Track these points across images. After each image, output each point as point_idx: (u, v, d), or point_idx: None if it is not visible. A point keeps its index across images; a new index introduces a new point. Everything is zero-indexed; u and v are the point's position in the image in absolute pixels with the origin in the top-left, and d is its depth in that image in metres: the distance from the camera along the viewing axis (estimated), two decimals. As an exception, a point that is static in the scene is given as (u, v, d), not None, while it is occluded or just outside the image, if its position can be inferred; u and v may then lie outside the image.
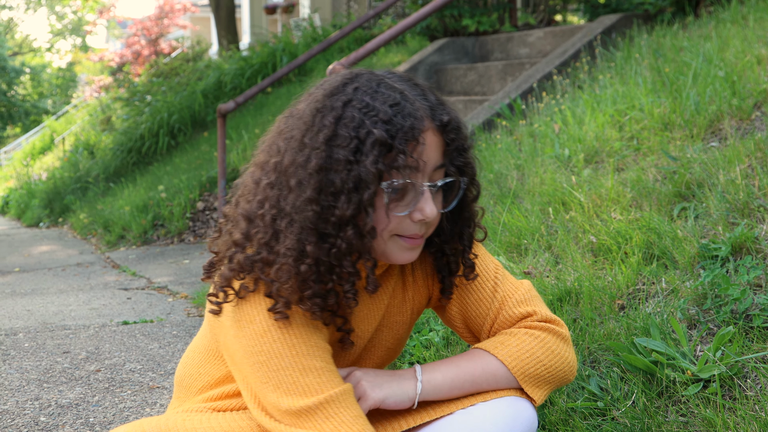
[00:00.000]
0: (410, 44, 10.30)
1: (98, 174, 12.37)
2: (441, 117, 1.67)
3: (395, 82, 1.69)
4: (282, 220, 1.65)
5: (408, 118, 1.62)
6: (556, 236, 3.57)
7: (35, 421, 3.02)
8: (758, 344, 2.37)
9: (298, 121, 1.69)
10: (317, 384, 1.64)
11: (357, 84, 1.67)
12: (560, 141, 4.66)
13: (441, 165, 1.69)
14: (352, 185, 1.60)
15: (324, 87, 1.70)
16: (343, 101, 1.64)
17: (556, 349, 1.85)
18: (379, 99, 1.63)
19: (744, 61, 4.48)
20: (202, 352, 1.95)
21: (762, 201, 3.07)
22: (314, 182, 1.61)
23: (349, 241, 1.62)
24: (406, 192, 1.66)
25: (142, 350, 3.99)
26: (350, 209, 1.60)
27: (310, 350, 1.66)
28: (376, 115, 1.61)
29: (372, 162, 1.59)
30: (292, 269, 1.63)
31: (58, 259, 8.17)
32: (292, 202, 1.63)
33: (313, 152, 1.62)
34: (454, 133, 1.68)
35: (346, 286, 1.67)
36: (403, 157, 1.60)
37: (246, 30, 22.36)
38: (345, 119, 1.62)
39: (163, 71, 15.85)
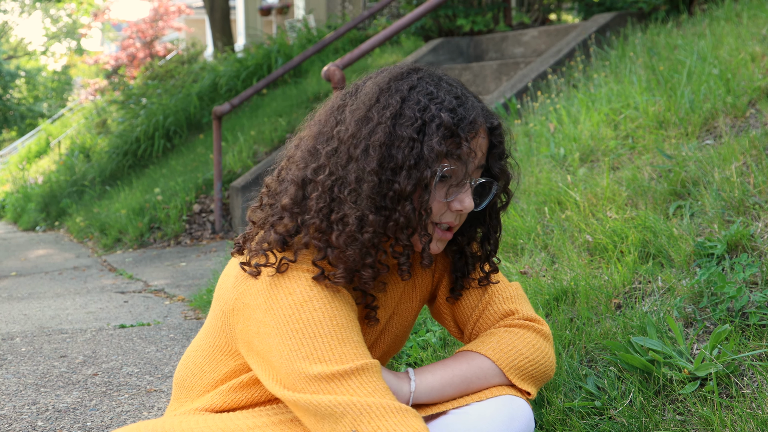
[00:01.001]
0: (405, 44, 10.30)
1: (94, 177, 12.35)
2: (492, 120, 1.74)
3: (452, 81, 1.75)
4: (343, 188, 1.68)
5: (470, 111, 1.68)
6: (552, 236, 3.57)
7: (33, 426, 3.01)
8: (755, 342, 2.37)
9: (364, 96, 1.73)
10: (354, 354, 1.65)
11: (420, 75, 1.73)
12: (555, 140, 4.66)
13: (481, 166, 1.76)
14: (413, 162, 1.65)
15: (389, 71, 1.76)
16: (408, 85, 1.70)
17: (536, 344, 1.89)
18: (443, 90, 1.70)
19: (738, 59, 4.48)
20: (207, 350, 1.94)
21: (757, 198, 3.07)
22: (377, 154, 1.65)
23: (407, 215, 1.67)
24: (452, 180, 1.71)
25: (140, 353, 3.99)
26: (410, 185, 1.65)
27: (349, 324, 1.69)
28: (441, 103, 1.67)
29: (437, 142, 1.65)
30: (355, 236, 1.67)
31: (54, 262, 8.16)
32: (355, 171, 1.67)
33: (378, 126, 1.67)
34: (500, 138, 1.76)
35: (401, 258, 1.73)
36: (467, 145, 1.66)
37: (241, 31, 22.37)
38: (410, 101, 1.68)
39: (159, 73, 15.83)
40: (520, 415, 1.79)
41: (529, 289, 3.12)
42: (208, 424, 1.78)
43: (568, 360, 2.57)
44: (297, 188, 1.73)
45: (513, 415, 1.77)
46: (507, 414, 1.77)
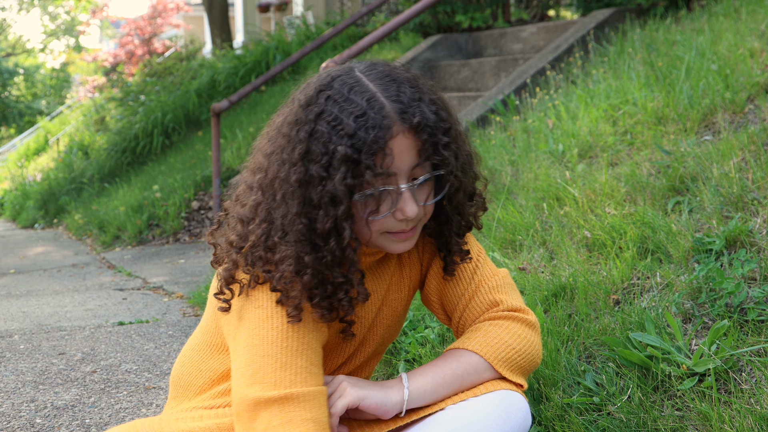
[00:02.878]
0: (403, 41, 10.29)
1: (93, 174, 12.35)
2: (411, 119, 1.66)
3: (372, 80, 1.69)
4: (275, 233, 1.70)
5: (371, 131, 1.62)
6: (551, 232, 3.57)
7: (31, 423, 3.01)
8: (753, 338, 2.37)
9: (278, 134, 1.73)
10: (290, 380, 1.66)
11: (330, 92, 1.67)
12: (554, 136, 4.66)
13: (419, 164, 1.70)
14: (328, 200, 1.64)
15: (303, 95, 1.72)
16: (315, 113, 1.66)
17: (522, 334, 1.89)
18: (347, 109, 1.64)
19: (737, 54, 4.48)
20: (202, 349, 1.95)
21: (756, 194, 3.07)
22: (298, 196, 1.66)
23: (332, 252, 1.67)
24: (383, 197, 1.69)
25: (138, 351, 3.99)
26: (329, 223, 1.64)
27: (300, 347, 1.69)
28: (342, 129, 1.62)
29: (340, 179, 1.62)
30: (295, 279, 1.68)
31: (53, 260, 8.16)
32: (282, 215, 1.68)
33: (291, 168, 1.66)
34: (425, 132, 1.67)
35: (339, 294, 1.72)
36: (370, 172, 1.62)
37: (239, 28, 22.34)
38: (316, 134, 1.64)
39: (157, 71, 15.81)
40: (516, 410, 1.78)
41: (527, 285, 3.12)
42: (204, 420, 1.79)
43: (567, 356, 2.57)
44: (242, 225, 1.77)
45: (510, 409, 1.77)
46: (504, 409, 1.77)
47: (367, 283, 1.90)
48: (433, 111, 1.70)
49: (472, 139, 5.64)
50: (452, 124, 1.74)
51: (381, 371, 3.09)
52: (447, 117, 1.73)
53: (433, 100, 1.71)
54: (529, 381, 2.50)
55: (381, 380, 2.98)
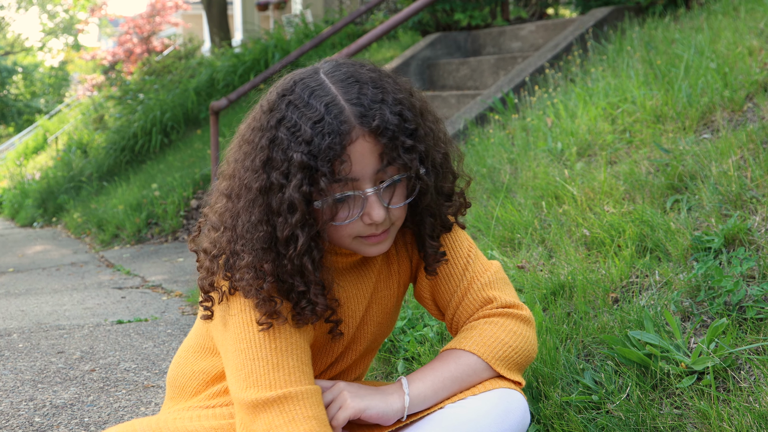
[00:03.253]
0: (402, 39, 10.29)
1: (91, 173, 12.34)
2: (371, 122, 1.62)
3: (334, 82, 1.67)
4: (238, 241, 1.70)
5: (327, 137, 1.60)
6: (550, 230, 3.57)
7: (30, 422, 3.01)
8: (752, 336, 2.37)
9: (243, 141, 1.74)
10: (284, 380, 1.67)
11: (291, 97, 1.66)
12: (553, 135, 4.65)
13: (383, 167, 1.67)
14: (286, 208, 1.63)
15: (266, 100, 1.72)
16: (276, 119, 1.66)
17: (516, 330, 1.88)
18: (306, 115, 1.62)
19: (735, 53, 4.48)
20: (196, 351, 1.95)
21: (754, 192, 3.07)
22: (260, 204, 1.66)
23: (291, 260, 1.67)
24: (349, 202, 1.68)
25: (137, 349, 3.99)
26: (286, 231, 1.64)
27: (289, 347, 1.70)
28: (300, 136, 1.61)
29: (296, 187, 1.61)
30: (257, 284, 1.68)
31: (52, 258, 8.15)
32: (244, 223, 1.69)
33: (254, 175, 1.66)
34: (385, 136, 1.63)
35: (302, 302, 1.71)
36: (325, 179, 1.60)
37: (238, 27, 22.33)
38: (277, 140, 1.64)
39: (156, 69, 15.80)
40: (515, 408, 1.78)
41: (526, 284, 3.12)
42: (202, 421, 1.80)
43: (566, 354, 2.57)
44: (214, 233, 1.78)
45: (508, 408, 1.77)
46: (503, 407, 1.77)
47: (351, 282, 1.90)
48: (396, 112, 1.65)
49: (471, 138, 5.64)
50: (419, 125, 1.70)
51: (380, 369, 3.09)
52: (412, 117, 1.68)
53: (398, 100, 1.67)
54: (528, 379, 2.50)
55: (379, 380, 2.99)
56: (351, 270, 1.90)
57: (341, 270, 1.88)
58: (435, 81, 8.13)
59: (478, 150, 5.15)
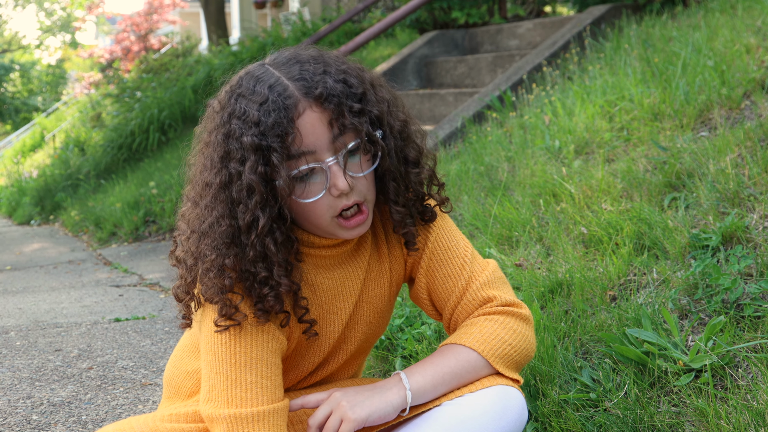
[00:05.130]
0: (400, 37, 10.28)
1: (89, 171, 12.34)
2: (314, 91, 1.64)
3: (276, 67, 1.70)
4: (203, 240, 1.70)
5: (273, 113, 1.62)
6: (547, 228, 3.57)
7: (27, 420, 3.01)
8: (749, 333, 2.37)
9: (201, 144, 1.75)
10: (240, 398, 1.67)
11: (239, 90, 1.68)
12: (550, 132, 4.66)
13: (338, 135, 1.67)
14: (246, 193, 1.64)
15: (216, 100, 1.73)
16: (228, 113, 1.67)
17: (516, 328, 1.88)
18: (253, 100, 1.64)
19: (733, 50, 4.48)
20: (190, 350, 1.96)
21: (752, 190, 3.07)
22: (221, 199, 1.66)
23: (253, 246, 1.66)
24: (311, 175, 1.68)
25: (135, 347, 3.99)
26: (246, 216, 1.64)
27: (248, 362, 1.70)
28: (249, 120, 1.63)
29: (251, 168, 1.62)
30: (218, 282, 1.68)
31: (49, 256, 8.15)
32: (208, 221, 1.69)
33: (214, 172, 1.67)
34: (331, 102, 1.64)
35: (264, 289, 1.70)
36: (277, 155, 1.61)
37: (236, 25, 22.33)
38: (231, 133, 1.65)
39: (153, 67, 15.80)
40: (513, 405, 1.78)
41: (524, 282, 3.12)
42: (198, 423, 1.80)
43: (563, 352, 2.57)
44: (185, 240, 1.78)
45: (506, 405, 1.77)
46: (501, 405, 1.76)
47: (338, 279, 1.89)
48: (340, 80, 1.67)
49: (468, 136, 5.64)
50: (366, 90, 1.71)
51: (377, 367, 3.09)
52: (358, 83, 1.70)
53: (341, 70, 1.69)
54: (526, 377, 2.50)
55: (376, 377, 2.99)
56: (337, 266, 1.88)
57: (325, 266, 1.87)
58: (432, 79, 8.13)
59: (475, 148, 5.15)
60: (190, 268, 1.75)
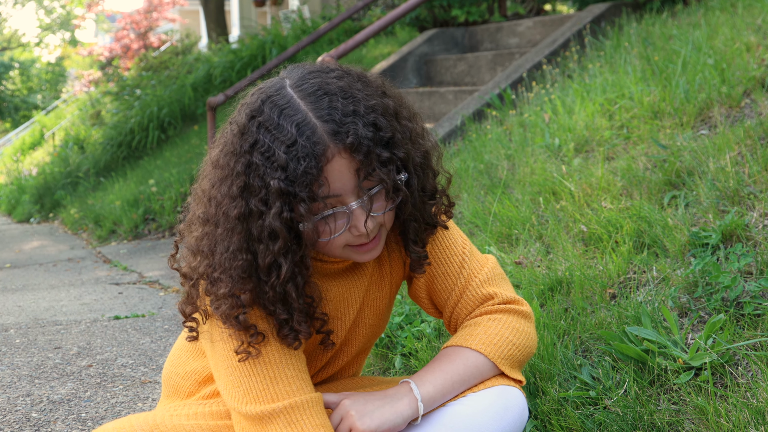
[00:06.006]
0: (400, 35, 10.28)
1: (88, 169, 12.34)
2: (345, 138, 1.57)
3: (302, 98, 1.61)
4: (217, 269, 1.66)
5: (303, 161, 1.55)
6: (547, 226, 3.57)
7: (27, 417, 3.01)
8: (749, 331, 2.37)
9: (217, 165, 1.67)
10: (285, 391, 1.66)
11: (260, 118, 1.61)
12: (550, 130, 4.65)
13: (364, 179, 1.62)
14: (267, 235, 1.60)
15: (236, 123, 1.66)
16: (249, 144, 1.60)
17: (519, 327, 1.87)
18: (279, 138, 1.57)
19: (733, 49, 4.48)
20: (189, 350, 1.95)
21: (752, 188, 3.07)
22: (239, 231, 1.62)
23: (273, 288, 1.63)
24: (336, 217, 1.65)
25: (134, 345, 3.98)
26: (268, 258, 1.60)
27: (282, 358, 1.69)
28: (275, 162, 1.57)
29: (276, 214, 1.57)
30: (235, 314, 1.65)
31: (49, 254, 8.15)
32: (223, 252, 1.64)
33: (232, 203, 1.62)
34: (360, 152, 1.58)
35: (284, 330, 1.68)
36: (304, 205, 1.56)
37: (235, 22, 22.31)
38: (252, 166, 1.59)
39: (153, 65, 15.80)
40: (514, 405, 1.78)
41: (523, 280, 3.12)
42: (198, 419, 1.79)
43: (563, 350, 2.57)
44: (192, 257, 1.73)
45: (507, 405, 1.77)
46: (501, 404, 1.76)
47: (343, 286, 1.87)
48: (370, 123, 1.61)
49: (468, 134, 5.64)
50: (395, 130, 1.65)
51: (377, 365, 3.09)
52: (387, 125, 1.63)
53: (370, 108, 1.62)
54: (526, 375, 2.50)
55: (376, 374, 2.99)
56: (342, 274, 1.88)
57: (332, 274, 1.86)
58: (432, 77, 8.13)
59: (475, 146, 5.15)
60: (195, 285, 1.72)
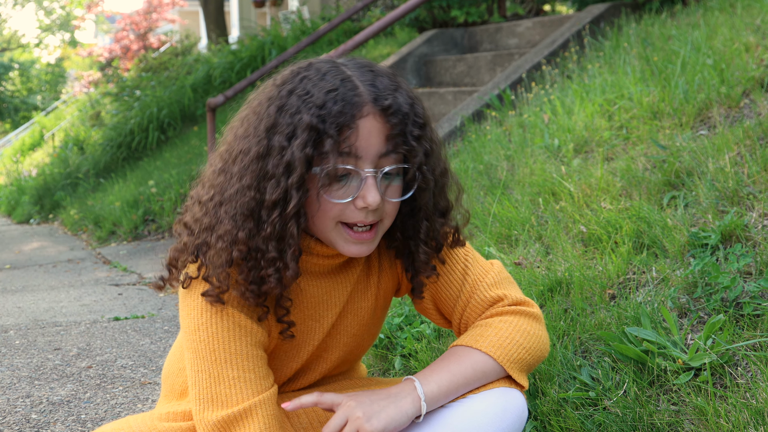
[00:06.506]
0: (399, 36, 10.29)
1: (88, 170, 12.34)
2: (383, 101, 1.62)
3: (349, 68, 1.67)
4: (222, 207, 1.67)
5: (340, 103, 1.59)
6: (547, 226, 3.57)
7: (27, 419, 3.01)
8: (749, 332, 2.37)
9: (250, 111, 1.71)
10: (225, 395, 1.66)
11: (306, 73, 1.66)
12: (550, 131, 4.65)
13: (388, 152, 1.64)
14: (283, 170, 1.61)
15: (275, 79, 1.71)
16: (288, 90, 1.64)
17: (530, 330, 1.85)
18: (320, 85, 1.62)
19: (732, 49, 4.48)
20: (182, 347, 1.95)
21: (751, 188, 3.07)
22: (253, 169, 1.63)
23: (273, 224, 1.63)
24: (346, 178, 1.65)
25: (134, 346, 3.99)
26: (276, 193, 1.61)
27: (228, 358, 1.68)
28: (311, 101, 1.60)
29: (299, 146, 1.59)
30: (224, 254, 1.65)
31: (48, 255, 8.15)
32: (233, 189, 1.66)
33: (254, 141, 1.64)
34: (396, 117, 1.63)
35: (269, 270, 1.67)
36: (330, 141, 1.58)
37: (235, 23, 22.31)
38: (286, 107, 1.62)
39: (152, 66, 15.80)
40: (513, 406, 1.77)
41: (523, 280, 3.12)
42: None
43: (563, 351, 2.57)
44: (198, 207, 1.74)
45: (506, 406, 1.76)
46: (501, 406, 1.75)
47: (325, 287, 1.86)
48: (408, 102, 1.66)
49: (467, 134, 5.64)
50: (427, 122, 1.70)
51: (377, 366, 3.09)
52: (422, 114, 1.68)
53: (410, 96, 1.68)
54: (525, 376, 2.50)
55: (375, 376, 2.99)
56: (326, 275, 1.86)
57: (316, 273, 1.84)
58: (432, 77, 8.13)
59: (474, 146, 5.15)
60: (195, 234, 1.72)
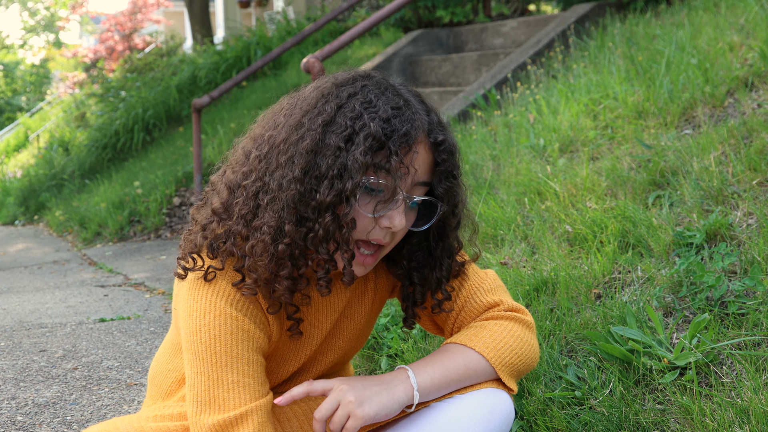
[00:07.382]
0: (385, 36, 10.28)
1: (73, 171, 12.29)
2: (437, 135, 1.68)
3: (404, 92, 1.71)
4: (265, 195, 1.65)
5: (406, 124, 1.62)
6: (532, 226, 3.57)
7: (12, 421, 3.00)
8: (734, 331, 2.38)
9: (302, 102, 1.70)
10: (223, 399, 1.66)
11: (366, 82, 1.68)
12: (535, 131, 4.66)
13: (424, 183, 1.69)
14: (336, 172, 1.60)
15: (335, 77, 1.72)
16: (348, 93, 1.66)
17: (524, 337, 1.87)
18: (383, 100, 1.64)
19: (716, 48, 4.49)
20: (170, 347, 1.95)
21: (736, 188, 3.09)
22: (303, 162, 1.61)
23: (326, 228, 1.62)
24: (381, 195, 1.64)
25: (120, 347, 3.97)
26: (330, 196, 1.60)
27: (229, 361, 1.67)
28: (376, 112, 1.62)
29: (362, 152, 1.59)
30: (268, 247, 1.63)
31: (34, 257, 8.11)
32: (279, 178, 1.63)
33: (308, 132, 1.63)
34: (445, 154, 1.69)
35: (320, 272, 1.67)
36: (395, 159, 1.60)
37: (220, 24, 22.29)
38: (345, 108, 1.63)
39: (138, 66, 15.75)
40: (501, 407, 1.77)
41: (509, 280, 3.12)
42: (183, 421, 1.79)
43: (549, 350, 2.57)
44: (228, 192, 1.72)
45: (494, 407, 1.76)
46: (489, 407, 1.76)
47: None
48: (455, 143, 1.73)
49: (453, 134, 5.64)
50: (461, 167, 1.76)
51: (363, 366, 3.09)
52: (459, 158, 1.75)
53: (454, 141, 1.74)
54: (511, 375, 2.50)
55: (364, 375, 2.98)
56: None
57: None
58: (417, 78, 8.13)
59: (460, 146, 5.15)
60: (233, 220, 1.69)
